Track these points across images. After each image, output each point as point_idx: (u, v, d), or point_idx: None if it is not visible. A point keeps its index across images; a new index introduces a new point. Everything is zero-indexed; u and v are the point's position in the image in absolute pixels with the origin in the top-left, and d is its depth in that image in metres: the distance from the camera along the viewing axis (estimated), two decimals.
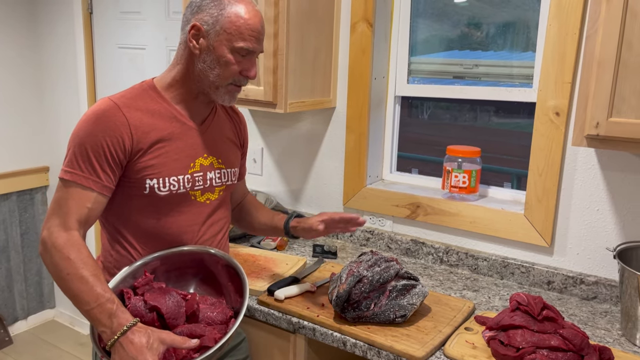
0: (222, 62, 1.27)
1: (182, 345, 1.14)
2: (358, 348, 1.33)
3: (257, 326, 1.54)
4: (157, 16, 2.54)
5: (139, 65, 2.67)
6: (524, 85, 1.78)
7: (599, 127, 1.28)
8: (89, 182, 1.22)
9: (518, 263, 1.71)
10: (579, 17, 1.52)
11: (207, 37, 1.26)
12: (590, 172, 1.59)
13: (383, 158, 2.09)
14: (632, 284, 1.34)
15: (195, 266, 1.38)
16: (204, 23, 1.26)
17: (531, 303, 1.27)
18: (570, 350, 1.18)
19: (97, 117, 1.23)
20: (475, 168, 1.82)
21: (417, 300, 1.38)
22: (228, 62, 1.27)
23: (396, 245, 1.94)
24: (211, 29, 1.26)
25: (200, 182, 1.36)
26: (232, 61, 1.27)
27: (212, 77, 1.29)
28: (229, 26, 1.25)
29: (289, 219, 1.51)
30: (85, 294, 1.14)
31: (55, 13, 2.92)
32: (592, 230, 1.61)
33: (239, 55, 1.28)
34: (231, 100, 1.35)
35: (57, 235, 1.19)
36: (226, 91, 1.32)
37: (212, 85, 1.30)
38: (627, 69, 1.23)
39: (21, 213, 3.14)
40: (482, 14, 1.86)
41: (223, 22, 1.25)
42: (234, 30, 1.25)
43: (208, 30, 1.26)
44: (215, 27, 1.25)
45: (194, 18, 1.27)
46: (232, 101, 1.35)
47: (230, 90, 1.32)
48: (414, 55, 2.00)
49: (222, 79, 1.29)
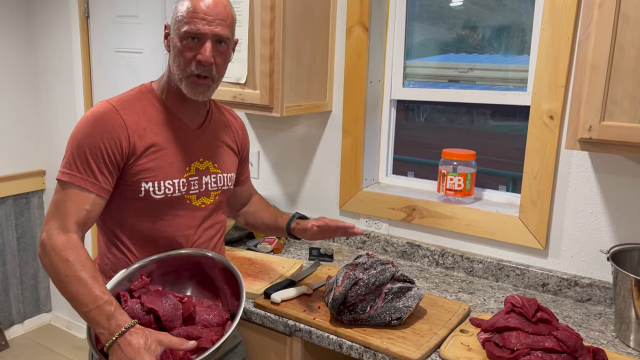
0: (176, 52, 1.28)
1: (180, 347, 1.15)
2: (354, 350, 1.34)
3: (254, 329, 1.54)
4: (154, 20, 2.55)
5: (135, 69, 2.67)
6: (518, 89, 1.79)
7: (591, 130, 1.29)
8: (87, 184, 1.23)
9: (513, 265, 1.72)
10: (572, 21, 1.53)
11: (171, 32, 1.30)
12: (584, 175, 1.60)
13: (379, 161, 2.10)
14: (626, 286, 1.35)
15: (192, 269, 1.39)
16: (170, 20, 1.30)
17: (525, 305, 1.28)
18: (564, 352, 1.19)
19: (96, 120, 1.24)
20: (470, 171, 1.84)
21: (413, 302, 1.39)
22: (180, 51, 1.27)
23: (392, 248, 1.95)
24: (173, 23, 1.29)
25: (195, 186, 1.37)
26: (183, 48, 1.27)
27: (175, 70, 1.30)
28: (178, 15, 1.27)
29: (291, 220, 1.53)
30: (83, 295, 1.15)
31: (52, 17, 2.92)
32: (586, 232, 1.63)
33: (188, 40, 1.26)
34: (196, 94, 1.30)
35: (56, 238, 1.19)
36: (188, 83, 1.29)
37: (178, 80, 1.31)
38: (620, 73, 1.24)
39: (17, 217, 3.14)
40: (478, 17, 1.87)
41: (176, 13, 1.28)
42: (181, 17, 1.27)
43: (172, 25, 1.30)
44: (172, 20, 1.29)
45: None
46: (198, 95, 1.31)
47: (192, 82, 1.29)
48: (410, 59, 2.01)
49: (180, 70, 1.29)
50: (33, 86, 3.10)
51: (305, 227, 1.49)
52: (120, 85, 2.72)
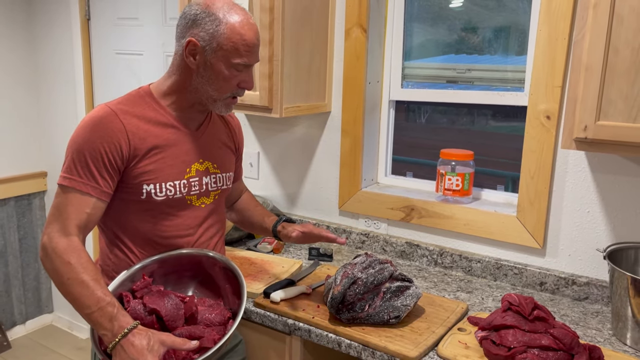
0: (220, 78, 1.29)
1: (182, 347, 1.16)
2: (353, 349, 1.35)
3: (253, 328, 1.56)
4: (154, 22, 2.56)
5: (136, 71, 2.69)
6: (516, 89, 1.80)
7: (587, 130, 1.30)
8: (88, 188, 1.24)
9: (511, 264, 1.73)
10: (569, 22, 1.55)
11: (204, 53, 1.26)
12: (580, 174, 1.62)
13: (378, 162, 2.12)
14: (622, 285, 1.36)
15: (193, 269, 1.40)
16: (200, 39, 1.25)
17: (522, 303, 1.29)
18: (561, 350, 1.20)
19: (95, 124, 1.25)
20: (468, 171, 1.85)
21: (411, 301, 1.40)
22: (226, 78, 1.29)
23: (391, 248, 1.96)
24: (207, 45, 1.25)
25: (196, 187, 1.39)
26: (230, 76, 1.29)
27: (211, 91, 1.31)
28: (225, 43, 1.25)
29: (277, 223, 1.55)
30: (86, 298, 1.16)
31: (53, 18, 2.94)
32: (583, 231, 1.64)
33: (235, 70, 1.29)
34: (227, 111, 1.38)
35: (57, 241, 1.21)
36: (224, 104, 1.34)
37: (210, 98, 1.32)
38: (614, 73, 1.26)
39: (19, 218, 3.15)
40: (478, 18, 1.88)
41: (219, 38, 1.25)
42: (231, 46, 1.25)
43: (204, 46, 1.26)
44: (211, 43, 1.25)
45: (189, 33, 1.27)
46: (229, 111, 1.38)
47: (228, 102, 1.35)
48: (410, 60, 2.02)
49: (221, 93, 1.31)
50: (34, 87, 3.11)
51: (289, 235, 1.50)
52: (121, 87, 2.74)
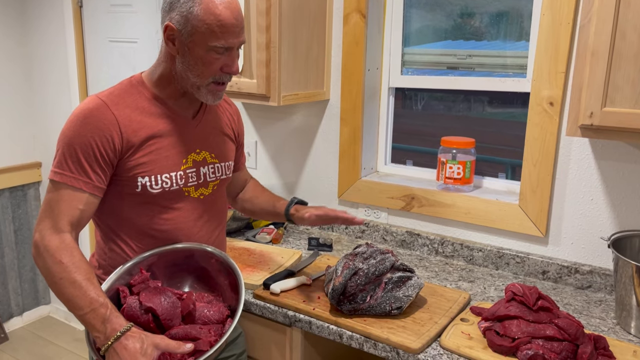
0: (199, 63, 1.22)
1: (177, 350, 1.13)
2: (354, 340, 1.34)
3: (253, 320, 1.54)
4: (148, 9, 2.51)
5: (130, 59, 2.65)
6: (517, 75, 1.77)
7: (593, 117, 1.28)
8: (80, 183, 1.20)
9: (513, 253, 1.71)
10: (573, 6, 1.51)
11: (181, 37, 1.21)
12: (584, 161, 1.59)
13: (377, 150, 2.09)
14: (627, 273, 1.34)
15: (191, 263, 1.37)
16: (176, 23, 1.20)
17: (526, 293, 1.27)
18: (566, 340, 1.18)
19: (85, 117, 1.21)
20: (469, 159, 1.82)
21: (413, 292, 1.39)
22: (206, 62, 1.22)
23: (391, 237, 1.94)
24: (183, 28, 1.20)
25: (193, 178, 1.35)
26: (211, 60, 1.22)
27: (193, 78, 1.25)
28: (200, 25, 1.18)
29: (290, 206, 1.51)
30: (78, 298, 1.13)
31: (45, 7, 2.89)
32: (586, 219, 1.62)
33: (215, 53, 1.22)
34: (215, 99, 1.30)
35: (49, 239, 1.17)
36: (207, 91, 1.27)
37: (193, 85, 1.27)
38: (621, 59, 1.23)
39: (14, 209, 3.12)
40: (476, 3, 1.85)
41: (194, 20, 1.18)
42: (206, 28, 1.19)
43: (181, 30, 1.20)
44: (186, 26, 1.19)
45: (167, 17, 1.22)
46: (217, 100, 1.30)
47: (212, 89, 1.27)
48: (408, 46, 1.99)
49: (202, 79, 1.25)
50: (27, 78, 3.06)
51: (303, 217, 1.46)
52: (114, 75, 2.70)
